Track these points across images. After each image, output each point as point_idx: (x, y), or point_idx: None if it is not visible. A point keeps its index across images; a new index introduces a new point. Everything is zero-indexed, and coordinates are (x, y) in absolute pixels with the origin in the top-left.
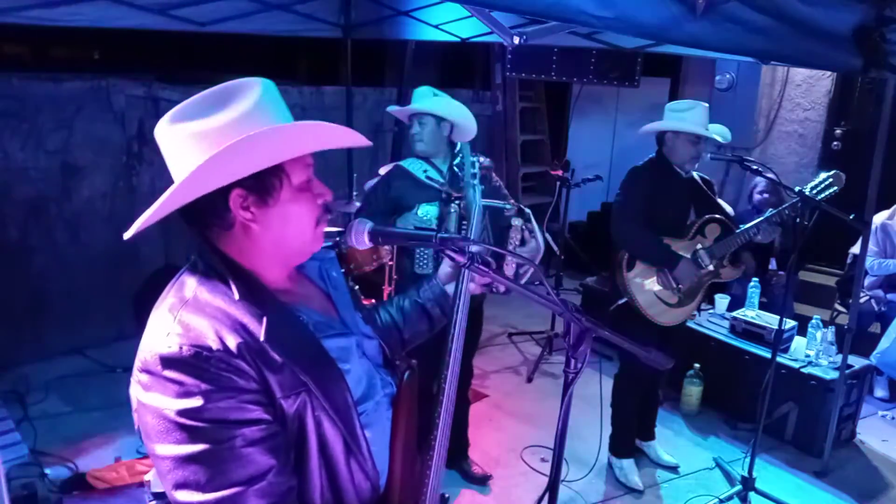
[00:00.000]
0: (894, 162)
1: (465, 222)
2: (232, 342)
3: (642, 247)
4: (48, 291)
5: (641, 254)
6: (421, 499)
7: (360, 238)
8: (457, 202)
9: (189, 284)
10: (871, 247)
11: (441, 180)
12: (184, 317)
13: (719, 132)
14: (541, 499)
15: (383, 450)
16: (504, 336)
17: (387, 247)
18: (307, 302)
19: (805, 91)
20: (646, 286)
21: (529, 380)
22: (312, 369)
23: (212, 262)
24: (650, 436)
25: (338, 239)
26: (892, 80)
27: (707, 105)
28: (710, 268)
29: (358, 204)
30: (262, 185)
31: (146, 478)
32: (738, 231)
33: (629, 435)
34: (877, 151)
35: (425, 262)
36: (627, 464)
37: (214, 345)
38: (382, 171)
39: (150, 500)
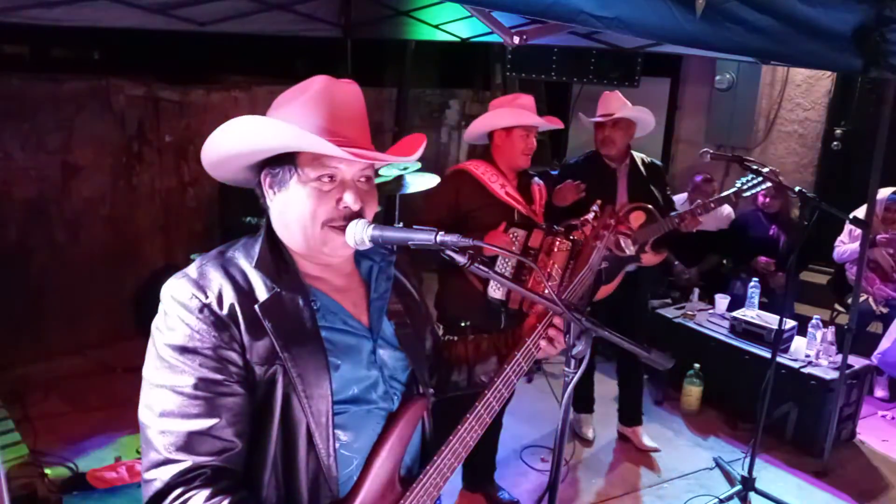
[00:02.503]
0: (894, 162)
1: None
2: (228, 300)
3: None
4: (48, 291)
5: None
6: None
7: (361, 238)
8: None
9: (239, 243)
10: (844, 238)
11: None
12: (207, 266)
13: (634, 115)
14: (541, 499)
15: (357, 459)
16: None
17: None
18: (335, 293)
19: (805, 91)
20: None
21: (529, 380)
22: (295, 349)
23: (262, 228)
24: (635, 421)
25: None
26: (892, 80)
27: (612, 92)
28: (631, 252)
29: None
30: (277, 170)
31: None
32: (660, 220)
33: (585, 393)
34: (877, 151)
35: (497, 284)
36: (584, 417)
37: (211, 297)
38: (383, 171)
39: None
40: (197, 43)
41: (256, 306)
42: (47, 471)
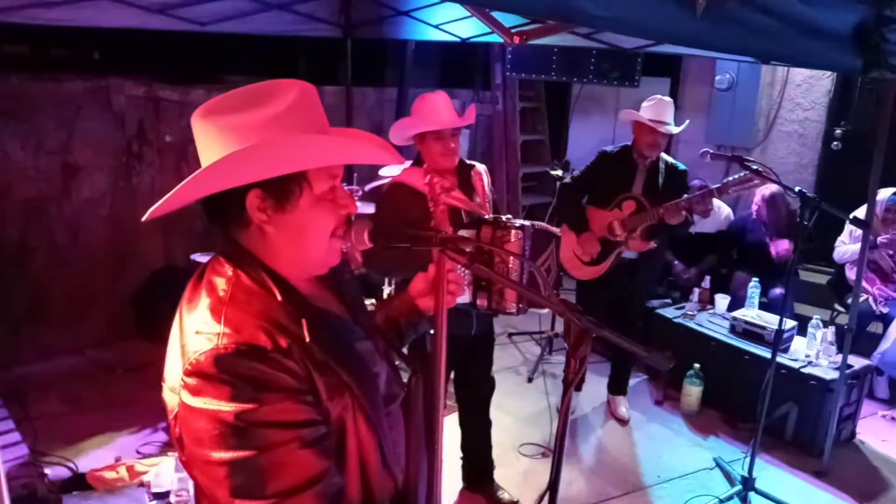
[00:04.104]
0: (894, 162)
1: None
2: (283, 342)
3: (564, 209)
4: (48, 291)
5: (562, 213)
6: (433, 497)
7: (360, 238)
8: None
9: (219, 285)
10: (844, 239)
11: None
12: (229, 316)
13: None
14: (541, 499)
15: (401, 451)
16: (504, 336)
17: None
18: (326, 304)
19: (805, 91)
20: (568, 243)
21: (530, 380)
22: (352, 371)
23: (241, 261)
24: (618, 391)
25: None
26: (892, 80)
27: (668, 100)
28: (622, 237)
29: (360, 205)
30: (281, 189)
31: (146, 478)
32: (649, 210)
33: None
34: (877, 151)
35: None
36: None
37: (268, 344)
38: (383, 171)
39: (150, 501)
40: (197, 43)
41: (308, 339)
42: (47, 471)
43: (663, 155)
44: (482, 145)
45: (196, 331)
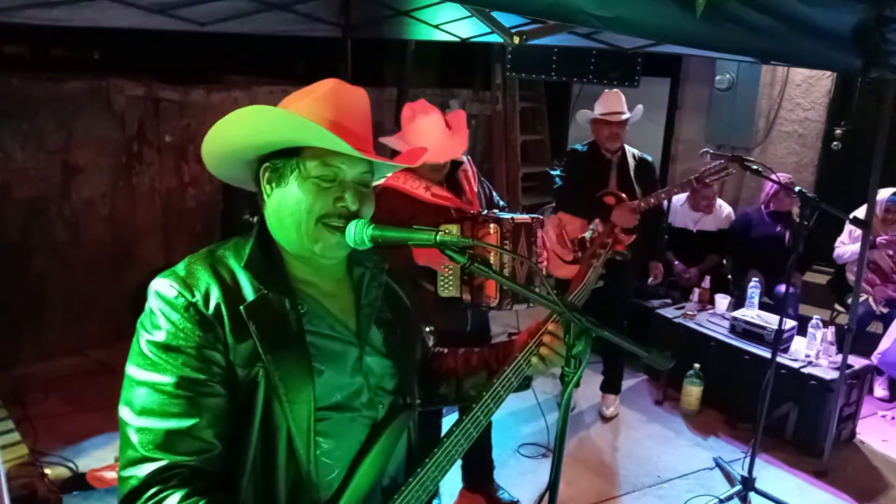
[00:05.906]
0: (894, 162)
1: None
2: (213, 300)
3: (573, 207)
4: (48, 291)
5: (574, 209)
6: None
7: (361, 238)
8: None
9: (230, 242)
10: (844, 239)
11: None
12: (195, 265)
13: (636, 115)
14: (541, 498)
15: (339, 466)
16: (504, 336)
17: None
18: (324, 298)
19: (805, 91)
20: (547, 241)
21: None
22: (278, 352)
23: (255, 228)
24: (610, 390)
25: None
26: (892, 80)
27: (616, 91)
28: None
29: None
30: (279, 165)
31: None
32: (626, 203)
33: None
34: (877, 151)
35: (450, 283)
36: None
37: (198, 296)
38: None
39: None
40: (197, 43)
41: (242, 307)
42: (47, 471)
43: (629, 148)
44: (482, 145)
45: (178, 264)
